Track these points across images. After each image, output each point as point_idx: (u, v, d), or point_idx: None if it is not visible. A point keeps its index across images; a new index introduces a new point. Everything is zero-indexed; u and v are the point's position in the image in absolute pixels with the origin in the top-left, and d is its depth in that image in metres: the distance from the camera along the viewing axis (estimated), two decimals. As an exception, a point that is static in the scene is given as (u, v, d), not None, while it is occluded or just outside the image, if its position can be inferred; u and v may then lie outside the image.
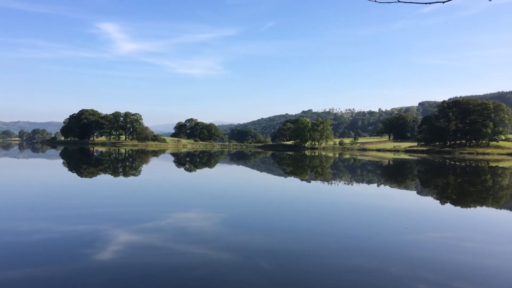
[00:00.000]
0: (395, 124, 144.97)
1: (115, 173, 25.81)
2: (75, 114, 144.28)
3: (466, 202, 15.54)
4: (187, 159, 48.62)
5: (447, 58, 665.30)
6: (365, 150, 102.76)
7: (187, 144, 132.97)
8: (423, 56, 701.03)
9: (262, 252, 7.33)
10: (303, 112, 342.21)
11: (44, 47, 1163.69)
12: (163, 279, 5.81)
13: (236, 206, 12.66)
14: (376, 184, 22.40)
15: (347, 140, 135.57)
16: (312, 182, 22.48)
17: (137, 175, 24.49)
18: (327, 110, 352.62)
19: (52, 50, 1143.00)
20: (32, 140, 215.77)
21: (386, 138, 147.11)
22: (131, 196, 14.77)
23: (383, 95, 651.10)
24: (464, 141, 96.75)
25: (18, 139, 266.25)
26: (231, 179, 24.03)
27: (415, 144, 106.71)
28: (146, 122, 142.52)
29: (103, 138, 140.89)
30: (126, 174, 24.84)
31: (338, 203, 14.24)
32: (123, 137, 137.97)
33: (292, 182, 23.14)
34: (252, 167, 36.31)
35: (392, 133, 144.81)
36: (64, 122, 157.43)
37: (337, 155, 67.42)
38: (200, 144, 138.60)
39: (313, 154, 71.46)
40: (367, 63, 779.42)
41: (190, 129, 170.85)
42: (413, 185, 22.51)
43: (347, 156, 64.93)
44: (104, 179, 21.69)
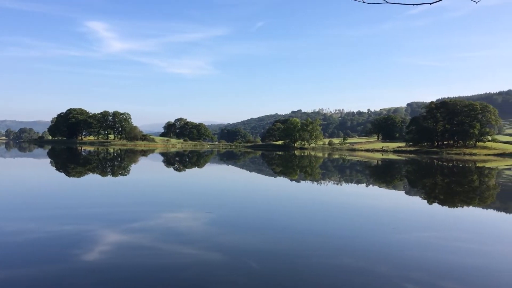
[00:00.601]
0: (383, 124, 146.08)
1: (103, 172, 25.58)
2: (63, 113, 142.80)
3: (454, 202, 15.74)
4: (177, 158, 48.39)
5: (435, 59, 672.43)
6: (354, 150, 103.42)
7: (177, 144, 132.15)
8: (412, 57, 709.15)
9: (251, 252, 7.34)
10: (293, 112, 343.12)
11: (32, 45, 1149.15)
12: (153, 279, 5.79)
13: (225, 206, 12.64)
14: (365, 184, 22.56)
15: (336, 141, 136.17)
16: (301, 182, 22.57)
17: (125, 175, 24.29)
18: (317, 110, 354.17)
19: (40, 49, 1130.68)
20: (19, 139, 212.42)
21: (375, 138, 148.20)
22: (120, 196, 14.65)
23: (372, 96, 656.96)
24: (452, 141, 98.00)
25: (4, 138, 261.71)
26: (221, 179, 23.99)
27: (404, 144, 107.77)
28: (135, 122, 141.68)
29: (92, 138, 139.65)
30: (114, 174, 24.63)
31: (327, 203, 14.31)
32: (112, 136, 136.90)
33: (281, 182, 23.20)
34: (241, 167, 36.28)
35: (381, 133, 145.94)
36: (51, 121, 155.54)
37: (326, 155, 67.73)
38: (189, 144, 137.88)
39: (302, 154, 71.68)
40: (356, 64, 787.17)
41: (179, 128, 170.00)
42: (401, 185, 22.73)
43: (336, 156, 65.27)
44: (92, 179, 21.48)
